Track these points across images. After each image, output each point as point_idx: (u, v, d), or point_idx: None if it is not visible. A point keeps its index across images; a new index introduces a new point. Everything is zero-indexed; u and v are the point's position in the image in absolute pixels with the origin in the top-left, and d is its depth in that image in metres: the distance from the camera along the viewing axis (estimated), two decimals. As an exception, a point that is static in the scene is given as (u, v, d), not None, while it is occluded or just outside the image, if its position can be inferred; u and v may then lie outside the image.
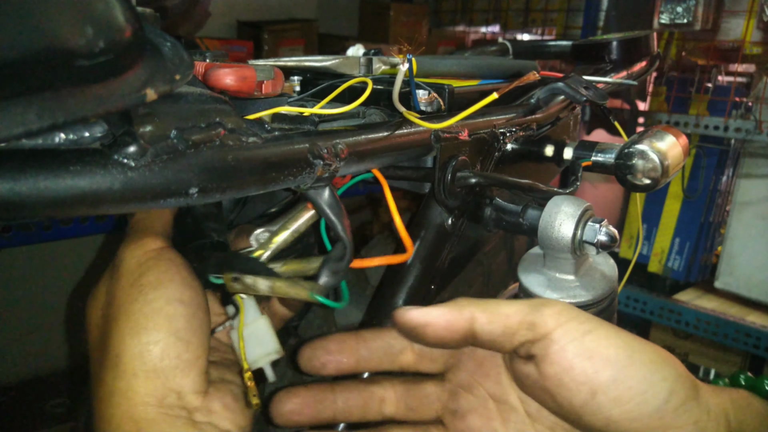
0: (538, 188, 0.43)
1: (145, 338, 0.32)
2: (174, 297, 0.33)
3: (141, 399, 0.31)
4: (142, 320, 0.32)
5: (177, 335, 0.33)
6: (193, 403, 0.33)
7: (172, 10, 0.97)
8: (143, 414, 0.31)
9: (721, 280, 1.58)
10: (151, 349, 0.32)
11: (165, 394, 0.32)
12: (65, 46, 0.21)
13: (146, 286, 0.33)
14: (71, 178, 0.23)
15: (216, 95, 0.31)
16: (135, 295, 0.33)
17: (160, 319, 0.32)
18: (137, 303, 0.33)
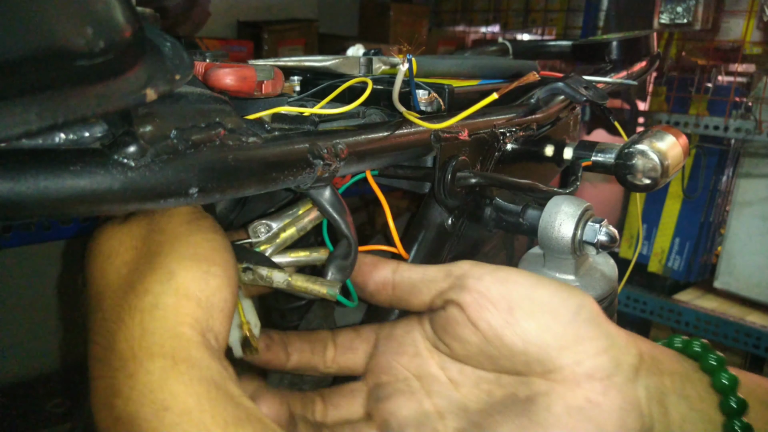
0: (538, 188, 0.43)
1: (206, 267, 0.30)
2: (229, 247, 0.32)
3: (189, 320, 0.29)
4: (202, 251, 0.30)
5: (230, 280, 0.31)
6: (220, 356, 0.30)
7: (172, 10, 0.97)
8: (189, 336, 0.29)
9: (721, 280, 1.58)
10: (209, 279, 0.30)
11: (207, 329, 0.30)
12: (65, 46, 0.21)
13: (205, 227, 0.31)
14: (71, 178, 0.23)
15: (216, 95, 0.31)
16: (195, 230, 0.31)
17: (220, 257, 0.31)
18: (197, 235, 0.31)
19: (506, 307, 0.33)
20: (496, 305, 0.33)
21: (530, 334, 0.32)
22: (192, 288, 0.29)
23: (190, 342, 0.28)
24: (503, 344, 0.33)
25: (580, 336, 0.33)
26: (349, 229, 0.37)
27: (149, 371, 0.27)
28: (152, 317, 0.29)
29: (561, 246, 0.40)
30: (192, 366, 0.28)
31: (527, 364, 0.33)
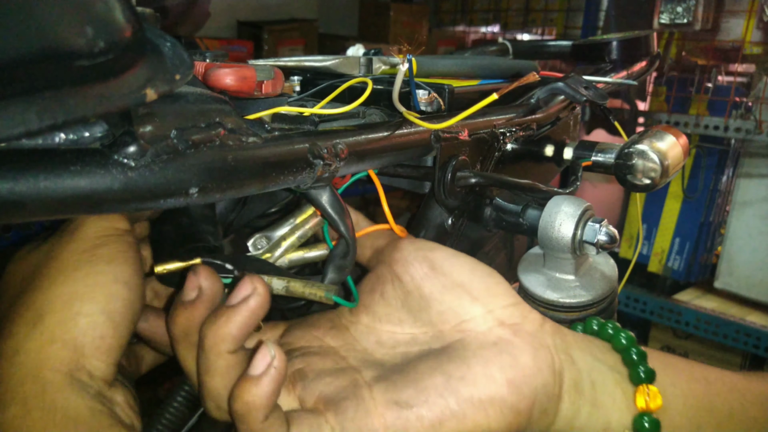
0: (538, 188, 0.43)
1: (77, 307, 0.30)
2: (122, 278, 0.32)
3: (51, 364, 0.30)
4: (81, 288, 0.31)
5: (109, 316, 0.31)
6: (101, 389, 0.31)
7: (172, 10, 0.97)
8: (51, 377, 0.29)
9: (721, 280, 1.58)
10: (78, 320, 0.30)
11: (76, 368, 0.30)
12: (65, 46, 0.21)
13: (99, 258, 0.32)
14: (71, 178, 0.23)
15: (216, 95, 0.31)
16: (84, 262, 0.31)
17: (100, 294, 0.31)
18: (83, 270, 0.31)
19: (429, 265, 0.36)
20: (420, 263, 0.36)
21: (447, 285, 0.35)
22: (57, 331, 0.30)
23: (50, 385, 0.29)
24: (422, 295, 0.35)
25: (491, 291, 0.35)
26: (348, 230, 0.37)
27: (6, 419, 0.28)
28: (11, 363, 0.29)
29: (561, 246, 0.40)
30: (52, 410, 0.29)
31: (442, 313, 0.35)
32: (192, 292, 0.31)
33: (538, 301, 0.42)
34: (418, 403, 0.30)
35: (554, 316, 0.41)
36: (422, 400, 0.30)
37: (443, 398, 0.30)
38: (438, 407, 0.30)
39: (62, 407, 0.29)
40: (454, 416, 0.30)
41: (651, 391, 0.33)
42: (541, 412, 0.32)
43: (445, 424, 0.30)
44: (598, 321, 0.38)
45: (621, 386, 0.34)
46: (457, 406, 0.30)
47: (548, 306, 0.41)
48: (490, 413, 0.31)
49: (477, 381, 0.31)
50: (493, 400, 0.31)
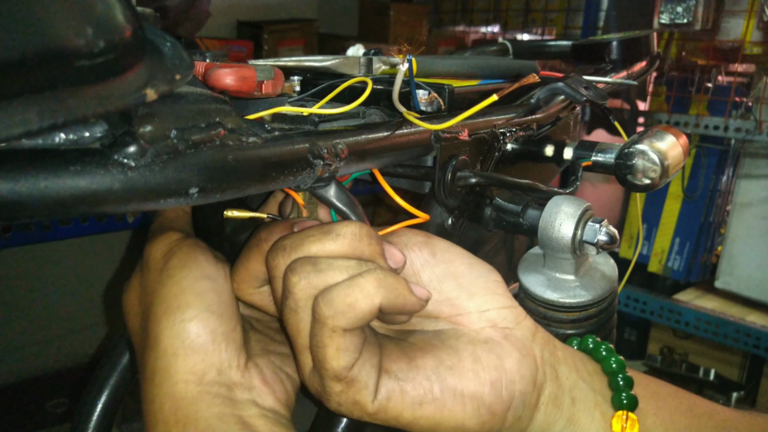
0: (538, 188, 0.43)
1: (179, 317, 0.33)
2: (200, 275, 0.34)
3: (181, 377, 0.32)
4: (173, 300, 0.33)
5: (209, 309, 0.33)
6: (234, 378, 0.33)
7: (172, 10, 0.97)
8: (183, 392, 0.32)
9: (722, 279, 1.58)
10: (186, 326, 0.33)
11: (205, 370, 0.32)
12: (65, 46, 0.21)
13: (172, 269, 0.34)
14: (71, 178, 0.23)
15: (216, 95, 0.31)
16: (164, 280, 0.34)
17: (190, 296, 0.33)
18: (167, 286, 0.34)
19: (429, 252, 0.36)
20: (420, 249, 0.36)
21: (446, 276, 0.35)
22: (175, 344, 0.33)
23: (184, 400, 0.32)
24: (420, 282, 0.35)
25: (489, 289, 0.35)
26: (363, 219, 0.37)
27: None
28: (153, 385, 0.33)
29: (561, 246, 0.40)
30: (185, 426, 0.31)
31: (437, 303, 0.35)
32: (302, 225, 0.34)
33: (538, 301, 0.42)
34: (406, 379, 0.31)
35: (554, 316, 0.41)
36: (410, 377, 0.31)
37: (429, 382, 0.31)
38: (422, 388, 0.31)
39: (193, 420, 0.31)
40: (434, 401, 0.31)
41: (630, 418, 0.33)
42: (515, 418, 0.32)
43: (425, 406, 0.31)
44: (594, 340, 0.38)
45: (601, 408, 0.34)
46: (439, 393, 0.31)
47: (548, 306, 0.41)
48: (468, 409, 0.31)
49: (463, 375, 0.32)
50: (473, 396, 0.31)
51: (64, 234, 1.04)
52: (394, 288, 0.31)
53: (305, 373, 0.32)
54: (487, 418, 0.31)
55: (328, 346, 0.29)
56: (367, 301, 0.29)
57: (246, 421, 0.32)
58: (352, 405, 0.31)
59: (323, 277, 0.31)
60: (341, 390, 0.30)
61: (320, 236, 0.32)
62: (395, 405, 0.31)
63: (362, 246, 0.32)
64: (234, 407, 0.32)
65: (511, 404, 0.32)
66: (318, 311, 0.30)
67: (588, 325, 0.42)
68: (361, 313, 0.29)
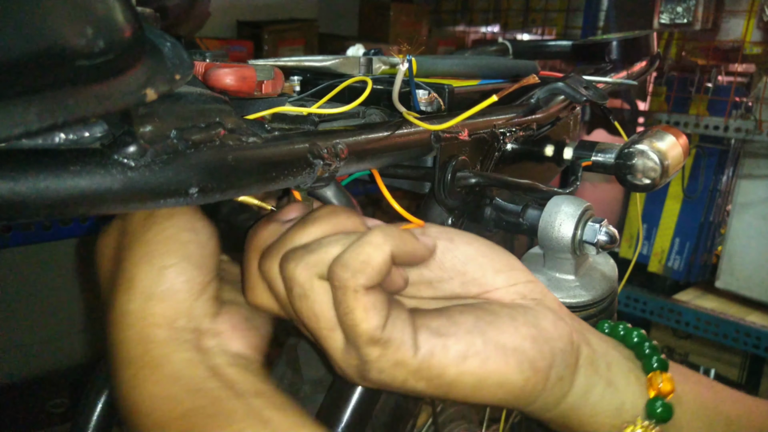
0: (538, 188, 0.43)
1: (159, 262, 0.33)
2: (186, 226, 0.35)
3: (152, 320, 0.33)
4: (155, 246, 0.34)
5: (190, 260, 0.34)
6: (203, 326, 0.34)
7: (172, 10, 0.97)
8: (153, 335, 0.32)
9: (722, 279, 1.58)
10: (165, 272, 0.33)
11: (176, 316, 0.33)
12: (65, 47, 0.21)
13: (159, 216, 0.34)
14: (71, 178, 0.23)
15: (216, 95, 0.31)
16: (149, 225, 0.34)
17: (173, 244, 0.34)
18: (151, 231, 0.34)
19: (447, 238, 0.36)
20: (438, 236, 0.36)
21: (468, 258, 0.35)
22: (150, 288, 0.33)
23: (154, 342, 0.32)
24: (443, 267, 0.35)
25: (512, 265, 0.36)
26: None
27: (123, 380, 0.32)
28: (121, 327, 0.33)
29: (561, 246, 0.40)
30: (154, 367, 0.32)
31: (464, 284, 0.35)
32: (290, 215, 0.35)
33: (538, 301, 0.42)
34: (447, 334, 0.31)
35: (554, 316, 0.41)
36: (452, 332, 0.31)
37: (471, 335, 0.31)
38: (465, 342, 0.31)
39: (162, 363, 0.32)
40: (477, 355, 0.31)
41: (664, 377, 0.34)
42: (557, 378, 0.32)
43: (469, 360, 0.31)
44: (609, 324, 0.38)
45: (635, 373, 0.35)
46: (482, 345, 0.31)
47: (548, 306, 0.41)
48: (511, 362, 0.31)
49: (503, 329, 0.32)
50: (516, 350, 0.31)
51: (64, 234, 1.04)
52: (399, 237, 0.31)
53: (338, 356, 0.32)
54: (531, 374, 0.31)
55: (355, 309, 0.29)
56: (379, 251, 0.30)
57: (215, 369, 0.33)
58: (394, 367, 0.30)
59: (318, 255, 0.31)
60: (380, 354, 0.30)
61: (299, 227, 0.33)
62: (439, 360, 0.30)
63: (342, 220, 0.33)
64: (203, 354, 0.33)
65: (554, 361, 0.32)
66: (336, 277, 0.30)
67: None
68: (377, 266, 0.30)
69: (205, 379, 0.32)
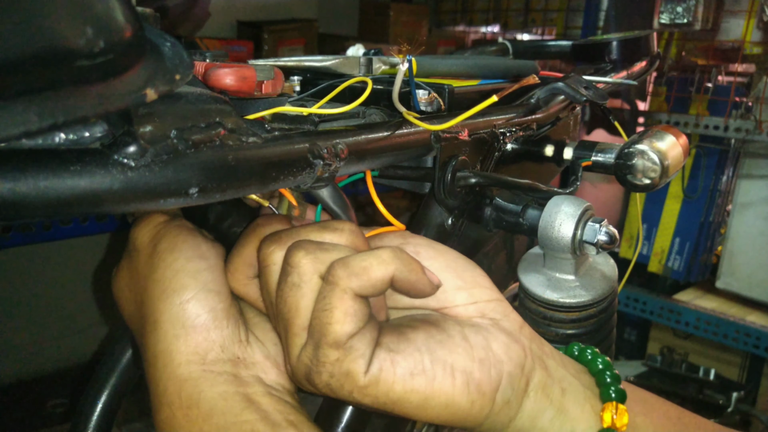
0: (538, 188, 0.43)
1: (176, 299, 0.33)
2: (192, 255, 0.34)
3: (184, 358, 0.32)
4: (167, 284, 0.33)
5: (206, 288, 0.33)
6: (238, 354, 0.33)
7: (172, 10, 0.97)
8: (186, 373, 0.32)
9: (723, 279, 1.58)
10: (185, 307, 0.33)
11: (208, 348, 0.33)
12: (65, 46, 0.21)
13: (162, 253, 0.34)
14: (71, 178, 0.23)
15: (216, 95, 0.31)
16: (155, 264, 0.34)
17: (184, 278, 0.33)
18: (159, 270, 0.34)
19: (413, 250, 0.35)
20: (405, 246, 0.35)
21: (433, 270, 0.34)
22: (176, 326, 0.33)
23: (188, 381, 0.32)
24: None
25: (476, 282, 0.35)
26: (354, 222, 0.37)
27: (158, 422, 0.32)
28: (155, 368, 0.33)
29: (561, 246, 0.40)
30: (188, 407, 0.31)
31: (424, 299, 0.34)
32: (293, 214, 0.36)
33: (538, 301, 0.42)
34: (397, 350, 0.31)
35: (554, 316, 0.42)
36: (401, 348, 0.31)
37: (420, 353, 0.31)
38: (413, 360, 0.31)
39: (197, 401, 0.31)
40: (424, 373, 0.31)
41: (619, 409, 0.33)
42: (504, 402, 0.32)
43: (416, 378, 0.31)
44: (579, 346, 0.38)
45: (590, 402, 0.34)
46: (430, 364, 0.31)
47: (548, 306, 0.41)
48: (458, 384, 0.31)
49: (453, 349, 0.32)
50: (463, 371, 0.31)
51: (64, 234, 1.04)
52: (408, 262, 0.31)
53: (294, 354, 0.31)
54: (477, 396, 0.31)
55: (336, 308, 0.29)
56: (382, 267, 0.30)
57: (251, 399, 0.32)
58: (344, 376, 0.30)
59: (330, 255, 0.31)
60: (337, 358, 0.30)
61: (319, 228, 0.33)
62: (386, 377, 0.30)
63: (358, 242, 0.33)
64: (238, 385, 0.32)
65: (500, 385, 0.32)
66: (332, 273, 0.29)
67: (588, 325, 0.42)
68: (375, 278, 0.30)
69: (241, 411, 0.31)
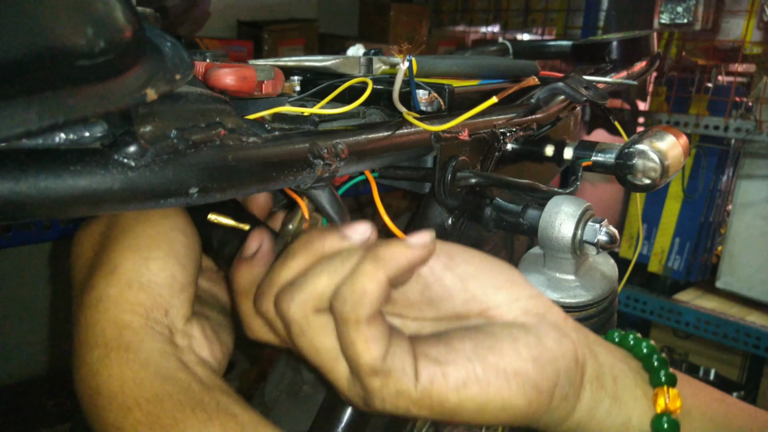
0: (538, 188, 0.43)
1: (145, 253, 0.34)
2: (177, 226, 0.36)
3: (130, 307, 0.33)
4: (144, 239, 0.35)
5: (176, 258, 0.35)
6: (177, 325, 0.35)
7: (172, 10, 0.97)
8: (129, 321, 0.33)
9: (723, 279, 1.58)
10: (149, 264, 0.34)
11: (153, 307, 0.34)
12: (66, 46, 0.21)
13: (153, 214, 0.35)
14: (71, 178, 0.23)
15: (216, 95, 0.31)
16: (141, 218, 0.35)
17: (163, 241, 0.35)
18: (141, 224, 0.35)
19: (446, 256, 0.35)
20: (437, 255, 0.35)
21: (469, 275, 0.34)
22: (132, 276, 0.34)
23: (129, 328, 0.33)
24: (443, 286, 0.34)
25: (513, 281, 0.35)
26: None
27: (87, 362, 0.32)
28: (96, 310, 0.33)
29: (561, 246, 0.40)
30: (126, 350, 0.32)
31: (466, 302, 0.34)
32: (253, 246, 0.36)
33: (538, 301, 0.42)
34: (446, 361, 0.31)
35: (554, 316, 0.41)
36: (451, 359, 0.31)
37: (470, 362, 0.31)
38: (464, 369, 0.31)
39: (135, 349, 0.32)
40: (478, 381, 0.31)
41: (671, 393, 0.33)
42: (561, 397, 0.32)
43: (469, 387, 0.31)
44: (619, 332, 0.38)
45: (642, 387, 0.34)
46: (482, 372, 0.31)
47: (548, 306, 0.41)
48: (513, 386, 0.31)
49: (504, 353, 0.31)
50: (517, 373, 0.31)
51: (64, 234, 1.04)
52: (390, 256, 0.30)
53: (344, 385, 0.32)
54: (534, 395, 0.31)
55: (356, 341, 0.29)
56: (374, 281, 0.29)
57: (185, 363, 0.34)
58: (395, 397, 0.30)
59: (307, 290, 0.30)
60: (381, 384, 0.30)
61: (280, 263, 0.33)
62: (439, 388, 0.30)
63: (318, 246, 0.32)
64: (174, 349, 0.34)
65: (557, 381, 0.32)
66: (336, 311, 0.30)
67: (588, 325, 0.42)
68: (375, 295, 0.29)
69: (176, 369, 0.33)
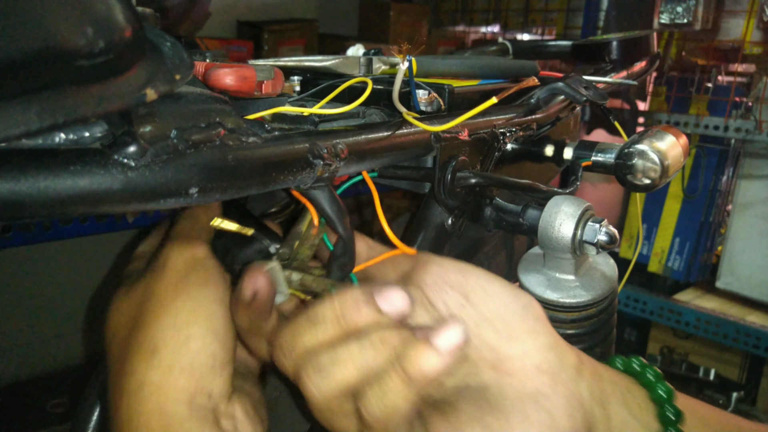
0: (538, 188, 0.43)
1: (185, 332, 0.33)
2: (216, 298, 0.34)
3: (173, 394, 0.32)
4: (184, 315, 0.33)
5: (215, 334, 0.33)
6: (221, 407, 0.33)
7: (172, 10, 0.97)
8: (173, 410, 0.31)
9: (723, 280, 1.58)
10: (190, 343, 0.32)
11: (197, 392, 0.32)
12: (65, 46, 0.21)
13: (192, 285, 0.34)
14: (71, 178, 0.23)
15: (216, 95, 0.31)
16: (180, 292, 0.34)
17: (201, 316, 0.33)
18: (181, 299, 0.33)
19: (462, 291, 0.34)
20: (453, 288, 0.34)
21: (483, 318, 0.33)
22: (173, 359, 0.32)
23: (174, 419, 0.31)
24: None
25: (528, 330, 0.34)
26: (345, 230, 0.37)
27: None
28: (138, 398, 0.31)
29: (561, 246, 0.40)
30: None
31: (477, 348, 0.33)
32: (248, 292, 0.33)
33: (538, 301, 0.42)
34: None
35: (554, 316, 0.41)
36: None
37: None
38: None
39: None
40: None
41: None
42: None
43: None
44: (641, 362, 0.37)
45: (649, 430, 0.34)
46: None
47: (548, 306, 0.41)
48: None
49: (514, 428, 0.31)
50: None
51: (64, 234, 1.04)
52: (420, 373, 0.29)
53: None
54: None
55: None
56: (405, 400, 0.29)
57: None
58: None
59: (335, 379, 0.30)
60: None
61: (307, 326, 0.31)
62: None
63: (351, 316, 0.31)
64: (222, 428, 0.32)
65: None
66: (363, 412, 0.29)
67: (588, 325, 0.42)
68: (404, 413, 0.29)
69: None
